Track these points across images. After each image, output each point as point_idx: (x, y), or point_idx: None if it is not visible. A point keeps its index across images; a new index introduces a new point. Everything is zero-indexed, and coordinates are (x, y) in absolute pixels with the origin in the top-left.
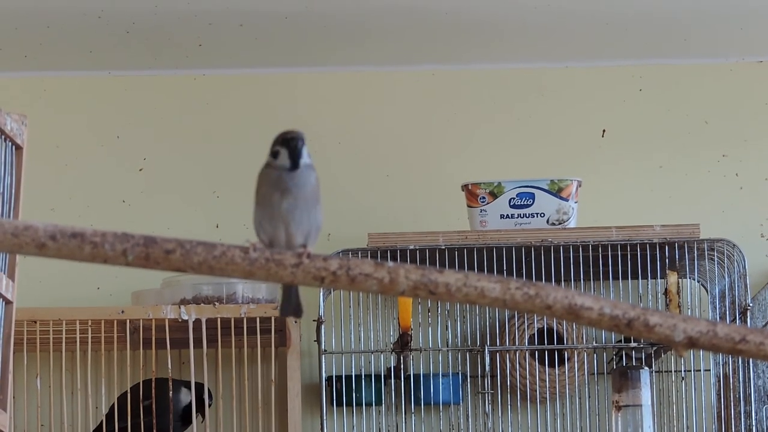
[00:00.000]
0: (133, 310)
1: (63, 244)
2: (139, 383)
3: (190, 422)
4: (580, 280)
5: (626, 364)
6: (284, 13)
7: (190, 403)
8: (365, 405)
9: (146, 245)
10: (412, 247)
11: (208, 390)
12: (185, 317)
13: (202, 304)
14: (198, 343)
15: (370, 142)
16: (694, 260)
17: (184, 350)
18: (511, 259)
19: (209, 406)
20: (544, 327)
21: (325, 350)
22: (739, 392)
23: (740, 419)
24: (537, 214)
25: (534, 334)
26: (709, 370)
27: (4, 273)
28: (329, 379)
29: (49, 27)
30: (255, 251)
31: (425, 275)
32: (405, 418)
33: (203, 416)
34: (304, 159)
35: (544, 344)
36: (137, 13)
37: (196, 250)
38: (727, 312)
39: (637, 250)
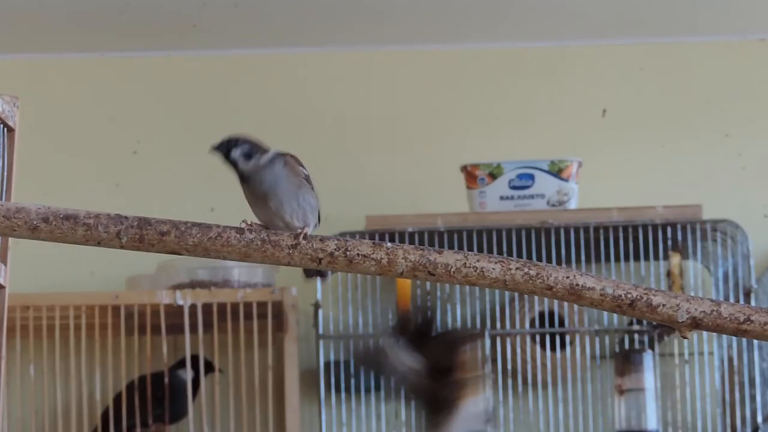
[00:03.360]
0: (127, 295)
1: (56, 226)
2: (146, 375)
3: (194, 397)
4: (581, 262)
5: (629, 347)
6: None
7: (193, 379)
8: (364, 391)
9: (140, 227)
10: (410, 229)
11: (205, 360)
12: (180, 302)
13: (197, 289)
14: (194, 328)
15: (368, 123)
16: (696, 241)
17: (180, 336)
18: (511, 241)
19: (210, 373)
20: (545, 310)
21: (323, 335)
22: (744, 376)
23: (745, 403)
24: (537, 195)
25: (535, 317)
26: (713, 353)
27: None
28: (327, 364)
29: (42, 7)
30: (251, 232)
31: (424, 256)
32: (404, 404)
33: (220, 370)
34: (261, 159)
35: (545, 327)
36: None
37: (191, 231)
38: (731, 294)
39: (638, 232)
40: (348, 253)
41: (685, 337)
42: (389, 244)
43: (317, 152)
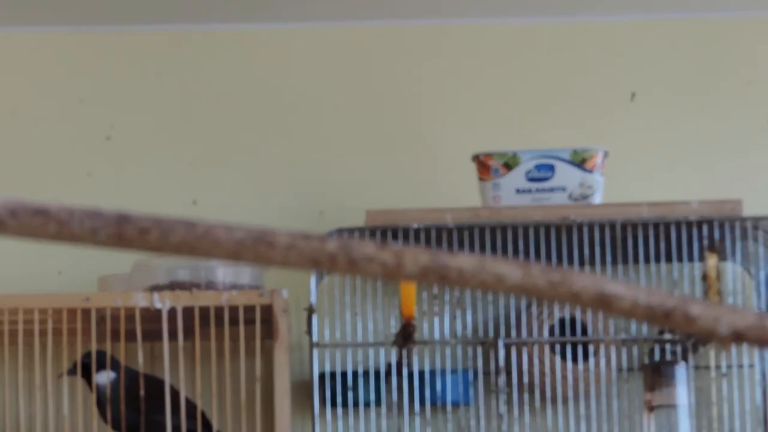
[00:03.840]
0: (99, 297)
1: (25, 221)
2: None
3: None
4: (606, 263)
5: (660, 358)
6: None
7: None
8: (363, 405)
9: (119, 223)
10: (416, 225)
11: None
12: (158, 306)
13: (177, 291)
14: (173, 335)
15: (368, 107)
16: (735, 241)
17: (158, 343)
18: (528, 240)
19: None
20: (566, 317)
21: (318, 343)
22: None
23: None
24: (557, 188)
25: (555, 325)
26: (754, 365)
27: None
28: (322, 376)
29: None
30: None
31: (435, 259)
32: (408, 421)
33: None
34: None
35: (566, 336)
36: None
37: (175, 228)
38: None
39: (671, 230)
40: (351, 254)
41: (726, 351)
42: (397, 246)
43: (309, 139)
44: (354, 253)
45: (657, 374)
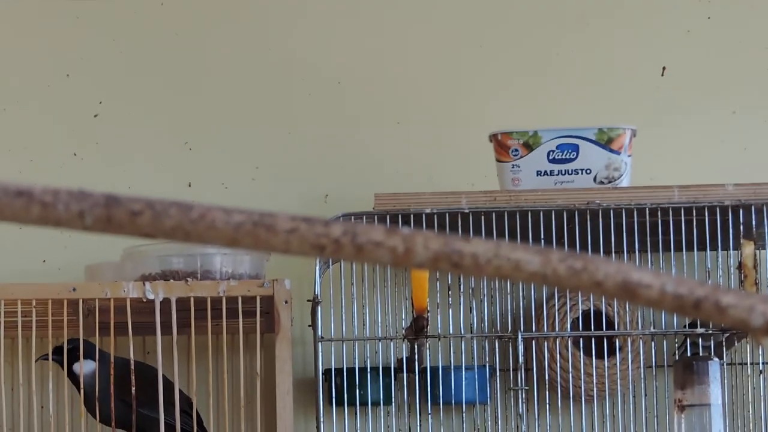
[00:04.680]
0: (87, 287)
1: (6, 204)
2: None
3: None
4: (634, 251)
5: (692, 354)
6: None
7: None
8: (371, 404)
9: (108, 206)
10: (428, 210)
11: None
12: (151, 296)
13: (171, 281)
14: (167, 327)
15: (377, 82)
16: None
17: (150, 337)
18: (550, 226)
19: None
20: (590, 309)
21: (323, 337)
22: None
23: None
24: (582, 170)
25: (578, 318)
26: None
27: None
28: (327, 372)
29: None
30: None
31: (448, 244)
32: (419, 420)
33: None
34: None
35: (590, 330)
36: None
37: (168, 211)
38: None
39: (704, 215)
40: (357, 239)
41: (761, 343)
42: (406, 230)
43: (314, 118)
44: (360, 238)
45: (688, 371)
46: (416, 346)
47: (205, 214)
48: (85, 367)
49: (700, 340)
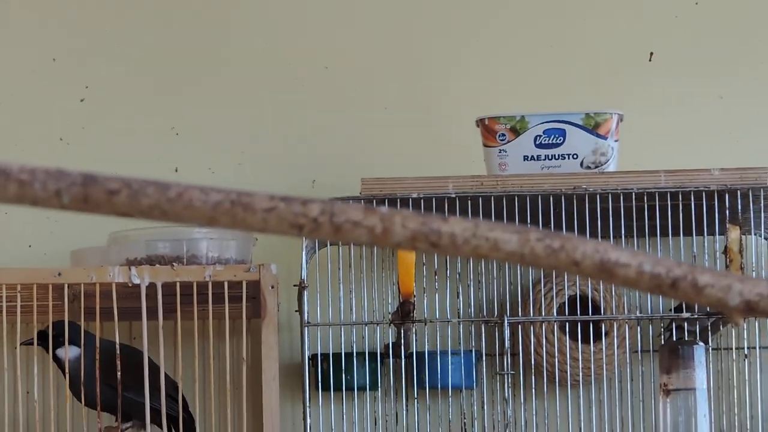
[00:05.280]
0: (72, 272)
1: None
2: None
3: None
4: (620, 236)
5: (677, 338)
6: None
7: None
8: (357, 389)
9: (85, 184)
10: (415, 195)
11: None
12: (137, 281)
13: (157, 266)
14: (152, 313)
15: (364, 68)
16: (760, 212)
17: (136, 322)
18: (537, 210)
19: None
20: (576, 294)
21: (309, 322)
22: None
23: None
24: (569, 155)
25: (564, 303)
26: None
27: None
28: (314, 357)
29: None
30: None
31: (426, 224)
32: (406, 405)
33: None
34: None
35: (576, 315)
36: None
37: (146, 190)
38: None
39: (690, 200)
40: (335, 219)
41: (737, 324)
42: (385, 210)
43: (301, 103)
44: (338, 218)
45: (674, 355)
46: (403, 331)
47: (182, 193)
48: (70, 351)
49: (685, 324)
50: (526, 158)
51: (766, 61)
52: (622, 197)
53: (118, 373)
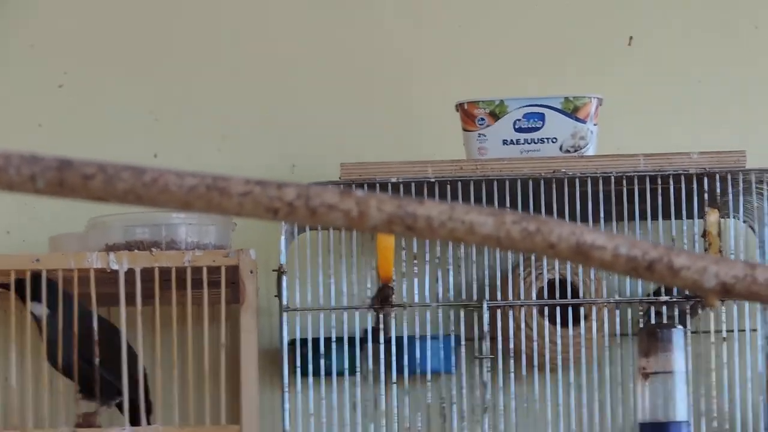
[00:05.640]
0: (50, 258)
1: None
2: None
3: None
4: (599, 219)
5: (656, 322)
6: None
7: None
8: (336, 374)
9: (60, 169)
10: (394, 179)
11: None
12: (115, 267)
13: (136, 251)
14: (131, 298)
15: (343, 51)
16: (739, 195)
17: (114, 307)
18: (516, 194)
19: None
20: (556, 278)
21: (288, 307)
22: None
23: None
24: (548, 139)
25: (543, 287)
26: (757, 329)
27: None
28: (292, 342)
29: None
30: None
31: (402, 207)
32: (385, 390)
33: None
34: None
35: (555, 299)
36: None
37: (121, 175)
38: None
39: (669, 183)
40: (310, 202)
41: (713, 307)
42: (360, 193)
43: (278, 86)
44: (313, 201)
45: (652, 339)
46: (382, 316)
47: (158, 178)
48: (46, 310)
49: (664, 308)
50: (505, 142)
51: (745, 44)
52: (601, 181)
53: (95, 348)
